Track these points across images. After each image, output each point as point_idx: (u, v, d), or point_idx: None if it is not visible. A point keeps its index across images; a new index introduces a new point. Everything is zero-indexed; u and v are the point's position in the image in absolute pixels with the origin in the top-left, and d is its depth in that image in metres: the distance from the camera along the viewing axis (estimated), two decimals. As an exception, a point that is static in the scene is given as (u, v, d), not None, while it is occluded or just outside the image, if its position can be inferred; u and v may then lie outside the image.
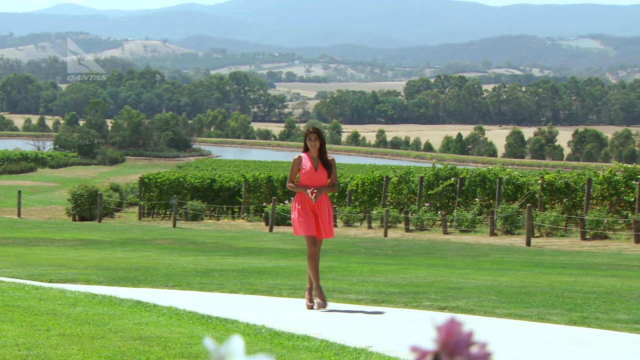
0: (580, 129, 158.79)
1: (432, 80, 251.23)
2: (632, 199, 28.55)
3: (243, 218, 40.33)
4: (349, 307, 10.16)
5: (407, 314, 9.58)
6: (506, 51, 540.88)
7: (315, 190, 10.03)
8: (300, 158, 10.33)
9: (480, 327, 8.53)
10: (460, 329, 1.03)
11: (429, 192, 33.66)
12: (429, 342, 1.07)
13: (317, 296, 9.97)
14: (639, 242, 25.88)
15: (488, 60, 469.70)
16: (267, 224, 34.86)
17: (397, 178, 35.40)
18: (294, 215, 10.18)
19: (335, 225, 33.47)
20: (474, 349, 1.04)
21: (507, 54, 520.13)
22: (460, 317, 6.69)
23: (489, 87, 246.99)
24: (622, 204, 29.03)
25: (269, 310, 9.64)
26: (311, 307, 9.95)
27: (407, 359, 6.53)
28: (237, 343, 1.06)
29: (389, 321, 9.00)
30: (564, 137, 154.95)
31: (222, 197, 43.53)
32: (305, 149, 10.38)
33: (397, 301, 10.53)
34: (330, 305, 10.32)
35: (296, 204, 10.15)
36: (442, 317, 5.59)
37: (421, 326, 8.67)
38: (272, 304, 10.43)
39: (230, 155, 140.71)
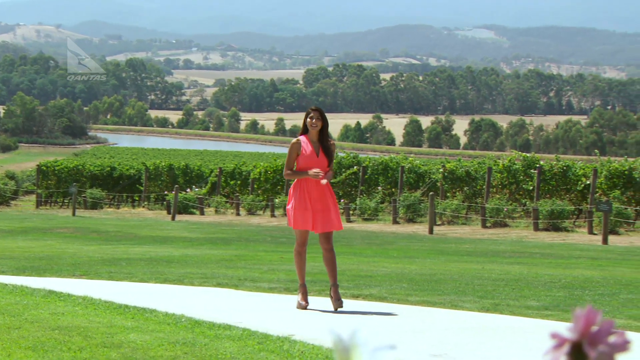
0: (477, 118, 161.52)
1: (330, 69, 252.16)
2: (531, 188, 29.13)
3: (144, 206, 39.94)
4: (264, 295, 10.14)
5: (321, 302, 9.60)
6: (403, 40, 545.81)
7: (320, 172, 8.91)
8: (299, 142, 9.12)
9: (393, 314, 8.61)
10: (599, 318, 1.04)
11: (332, 181, 33.79)
12: (345, 330, 1.07)
13: (300, 295, 9.13)
14: (538, 230, 26.42)
15: (386, 49, 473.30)
16: (169, 213, 34.58)
17: (299, 166, 35.44)
18: (289, 206, 9.02)
19: (274, 215, 33.34)
20: (613, 338, 1.05)
21: (404, 43, 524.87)
22: (375, 304, 6.75)
23: (386, 76, 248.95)
24: (521, 193, 29.60)
25: (184, 299, 9.57)
26: (304, 307, 8.99)
27: (330, 347, 6.54)
28: (361, 334, 1.04)
29: (306, 310, 9.00)
30: (460, 126, 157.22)
31: (122, 185, 43.01)
32: (304, 131, 9.24)
33: (311, 289, 10.50)
34: (243, 293, 10.29)
35: (293, 195, 8.99)
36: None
37: (337, 314, 8.71)
38: (185, 292, 10.35)
39: (127, 143, 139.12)
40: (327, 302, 9.61)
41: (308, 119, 9.15)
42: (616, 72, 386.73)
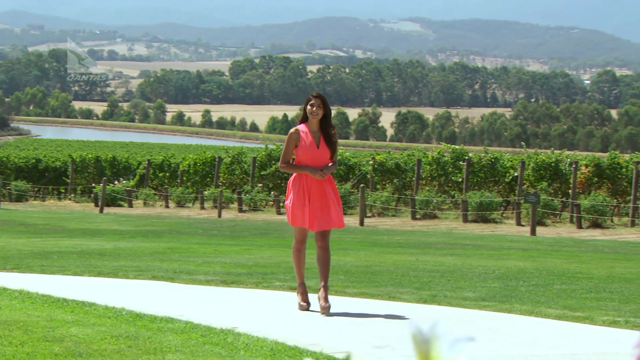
0: (403, 110, 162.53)
1: (257, 61, 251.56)
2: (460, 179, 29.42)
3: (70, 199, 39.46)
4: (202, 288, 10.09)
5: (261, 294, 9.60)
6: (330, 32, 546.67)
7: (324, 170, 8.29)
8: (298, 132, 8.38)
9: (333, 306, 8.63)
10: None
11: (261, 173, 33.75)
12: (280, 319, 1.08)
13: (299, 294, 8.55)
14: (467, 222, 26.69)
15: (312, 41, 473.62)
16: (96, 205, 34.24)
17: (229, 159, 35.34)
18: (288, 202, 8.39)
19: (204, 207, 33.10)
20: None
21: (330, 36, 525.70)
22: (313, 297, 6.73)
23: (313, 68, 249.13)
24: (450, 184, 29.87)
25: (121, 293, 9.48)
26: (306, 308, 8.41)
27: (275, 339, 6.54)
28: (442, 326, 1.04)
29: (246, 302, 8.99)
30: (387, 118, 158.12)
31: (48, 177, 42.43)
32: (304, 119, 8.51)
33: (248, 282, 10.53)
34: (180, 286, 10.23)
35: (292, 190, 8.34)
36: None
37: (278, 306, 8.71)
38: (121, 286, 10.26)
39: (50, 135, 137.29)
40: (258, 294, 9.60)
41: (308, 107, 8.41)
42: (539, 65, 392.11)
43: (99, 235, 19.45)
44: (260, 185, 33.21)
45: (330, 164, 8.43)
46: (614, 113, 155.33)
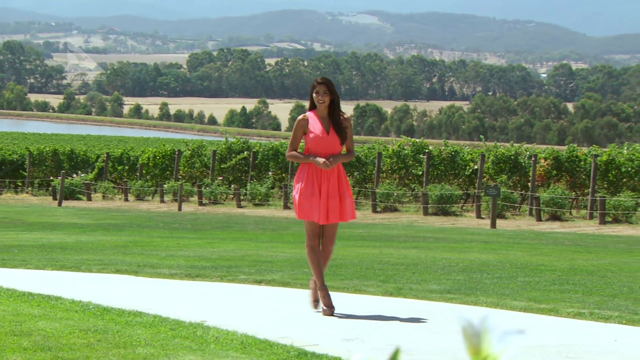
0: (362, 103, 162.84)
1: (215, 53, 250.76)
2: (420, 173, 29.53)
3: (27, 192, 39.12)
4: (166, 281, 10.05)
5: (227, 288, 9.58)
6: (288, 25, 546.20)
7: (331, 159, 7.80)
8: (306, 119, 7.98)
9: (300, 300, 8.63)
10: None
11: (222, 166, 33.67)
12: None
13: (321, 299, 7.83)
14: (427, 215, 26.79)
15: (270, 34, 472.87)
16: (55, 199, 34.00)
17: (189, 152, 35.22)
18: (295, 193, 7.88)
19: (163, 201, 32.91)
20: None
21: (288, 29, 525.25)
22: (279, 290, 6.75)
23: (271, 61, 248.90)
24: (410, 178, 29.97)
25: (86, 286, 9.43)
26: (331, 313, 7.79)
27: (244, 332, 6.54)
28: (493, 319, 1.04)
29: (213, 295, 8.97)
30: (345, 111, 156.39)
31: (4, 170, 42.02)
32: (312, 106, 8.12)
33: (212, 275, 10.50)
34: (144, 280, 10.18)
35: (300, 180, 7.86)
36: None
37: (245, 300, 8.70)
38: (85, 279, 10.20)
39: (5, 128, 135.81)
40: (224, 287, 9.58)
41: (314, 94, 7.99)
42: (496, 58, 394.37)
43: (59, 228, 19.30)
44: (220, 178, 33.14)
45: (343, 153, 7.96)
46: (570, 106, 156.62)
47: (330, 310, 7.73)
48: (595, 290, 9.62)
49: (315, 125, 7.89)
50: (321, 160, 7.74)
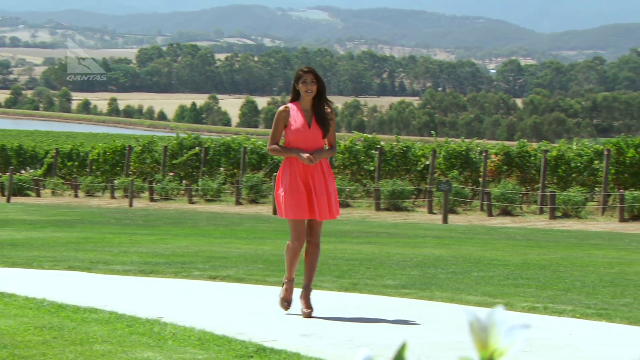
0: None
1: (164, 49, 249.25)
2: (372, 168, 29.61)
3: (-25, 188, 38.65)
4: (120, 278, 9.99)
5: (181, 284, 9.54)
6: (238, 21, 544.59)
7: (315, 154, 7.39)
8: (287, 110, 7.57)
9: (255, 296, 8.62)
10: None
11: (173, 162, 33.52)
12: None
13: (284, 291, 7.74)
14: (379, 210, 26.87)
15: (220, 29, 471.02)
16: (3, 195, 33.65)
17: (140, 147, 35.01)
18: (278, 190, 7.50)
19: (114, 197, 32.63)
20: None
21: (238, 24, 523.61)
22: (233, 285, 6.73)
23: (221, 56, 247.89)
24: (362, 173, 30.04)
25: (39, 283, 9.34)
26: (287, 307, 7.67)
27: (202, 328, 6.51)
28: (499, 313, 1.04)
29: (168, 292, 8.92)
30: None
31: (-49, 166, 41.48)
32: (294, 98, 7.67)
33: (166, 271, 10.46)
34: (98, 276, 10.11)
35: (283, 177, 7.45)
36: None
37: (200, 296, 8.67)
38: (37, 276, 10.10)
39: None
40: (179, 283, 9.54)
41: (300, 84, 7.52)
42: (446, 54, 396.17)
43: (8, 225, 19.09)
44: (171, 174, 32.99)
45: (325, 148, 7.54)
46: (519, 102, 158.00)
47: (286, 305, 7.68)
48: (548, 285, 9.71)
49: (296, 117, 7.49)
50: (305, 155, 7.33)
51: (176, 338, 6.14)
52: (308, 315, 7.44)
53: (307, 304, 7.53)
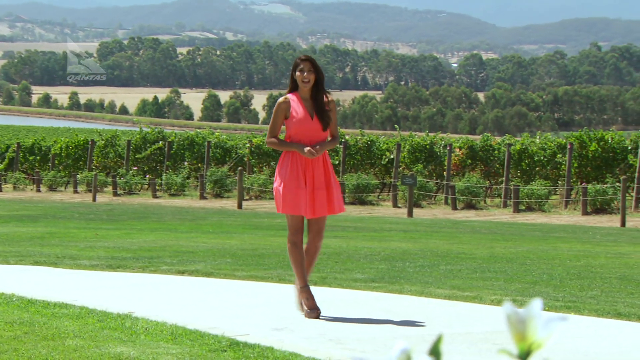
0: (275, 93, 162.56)
1: (125, 42, 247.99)
2: (337, 162, 29.63)
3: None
4: (87, 273, 9.93)
5: (150, 278, 9.50)
6: (200, 14, 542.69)
7: (317, 147, 7.05)
8: (287, 102, 7.20)
9: (225, 290, 8.60)
10: None
11: (136, 156, 33.36)
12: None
13: (304, 300, 7.15)
14: (344, 204, 26.88)
15: (182, 23, 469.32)
16: (-36, 190, 33.31)
17: (103, 142, 34.82)
18: (277, 185, 7.15)
19: (77, 191, 32.40)
20: None
21: (200, 17, 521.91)
22: (202, 280, 6.73)
23: (183, 50, 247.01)
24: (326, 167, 30.04)
25: (6, 278, 9.27)
26: (317, 315, 7.08)
27: (174, 322, 6.49)
28: (536, 306, 1.04)
29: (137, 286, 8.89)
30: (259, 100, 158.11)
31: None
32: (293, 88, 7.30)
33: (134, 266, 10.41)
34: (64, 271, 10.05)
35: (283, 170, 7.12)
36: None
37: (170, 290, 8.63)
38: (3, 271, 10.04)
39: None
40: (147, 278, 9.50)
41: (297, 73, 7.14)
42: (408, 48, 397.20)
43: (-29, 220, 18.92)
44: (135, 168, 32.84)
45: (327, 140, 7.19)
46: (481, 96, 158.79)
47: (314, 313, 7.07)
48: (516, 278, 9.77)
49: (297, 108, 7.12)
50: (306, 148, 6.99)
51: (148, 333, 6.12)
52: (318, 314, 7.18)
53: (309, 303, 7.24)
